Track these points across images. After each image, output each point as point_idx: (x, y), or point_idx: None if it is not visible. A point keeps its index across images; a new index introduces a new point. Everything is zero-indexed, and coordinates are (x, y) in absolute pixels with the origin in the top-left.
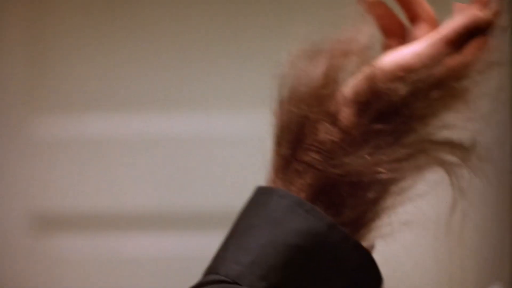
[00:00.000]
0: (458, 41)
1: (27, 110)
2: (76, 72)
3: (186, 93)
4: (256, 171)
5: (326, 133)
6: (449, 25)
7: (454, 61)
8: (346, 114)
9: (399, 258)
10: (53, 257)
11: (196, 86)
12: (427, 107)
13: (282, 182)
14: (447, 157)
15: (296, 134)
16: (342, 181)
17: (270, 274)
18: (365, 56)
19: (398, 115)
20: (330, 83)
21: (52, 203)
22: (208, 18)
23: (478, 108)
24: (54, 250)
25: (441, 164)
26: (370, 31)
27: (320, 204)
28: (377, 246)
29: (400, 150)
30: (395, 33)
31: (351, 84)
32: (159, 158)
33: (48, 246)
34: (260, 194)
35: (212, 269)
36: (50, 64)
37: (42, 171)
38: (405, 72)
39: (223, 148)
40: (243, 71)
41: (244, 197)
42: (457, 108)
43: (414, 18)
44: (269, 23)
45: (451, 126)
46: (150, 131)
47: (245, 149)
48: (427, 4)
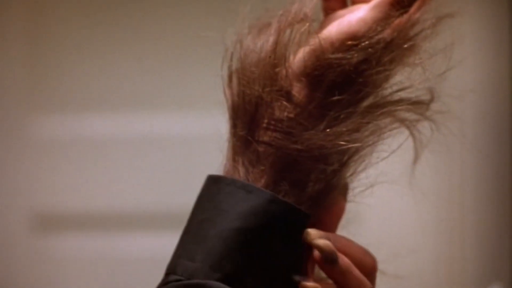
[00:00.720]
0: (402, 0)
1: (27, 110)
2: (76, 72)
3: (186, 93)
4: None
5: (282, 110)
6: None
7: (401, 20)
8: (299, 88)
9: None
10: (53, 257)
11: (196, 86)
12: (381, 71)
13: (242, 166)
14: (407, 114)
15: (251, 115)
16: (304, 156)
17: (222, 264)
18: (311, 27)
19: (353, 84)
20: (279, 60)
21: (52, 203)
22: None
23: (433, 63)
24: (54, 250)
25: (401, 122)
26: (313, 1)
27: (284, 182)
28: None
29: (358, 118)
30: None
31: (300, 57)
32: (159, 158)
33: (48, 246)
34: (210, 183)
35: (170, 269)
36: (50, 64)
37: (42, 171)
38: (353, 39)
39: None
40: None
41: None
42: (411, 66)
43: None
44: None
45: (408, 85)
46: (150, 131)
47: None
48: None
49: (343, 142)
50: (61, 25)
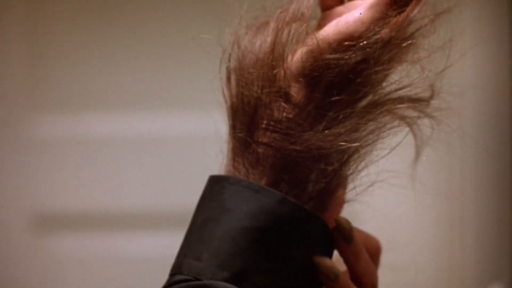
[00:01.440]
0: None
1: (27, 110)
2: (76, 72)
3: (186, 93)
4: None
5: (281, 111)
6: None
7: (399, 19)
8: (297, 89)
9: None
10: (53, 257)
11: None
12: (379, 71)
13: (242, 167)
14: (407, 112)
15: (250, 116)
16: (303, 157)
17: (230, 263)
18: (308, 27)
19: (351, 84)
20: (277, 61)
21: (52, 203)
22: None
23: (433, 60)
24: (54, 250)
25: (401, 119)
26: (311, 0)
27: (284, 183)
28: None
29: (358, 118)
30: None
31: (298, 58)
32: (159, 158)
33: (48, 246)
34: (213, 183)
35: (175, 269)
36: (50, 64)
37: (42, 171)
38: (350, 40)
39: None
40: None
41: None
42: (410, 63)
43: None
44: None
45: (407, 83)
46: (150, 131)
47: None
48: None
49: (343, 142)
50: (61, 25)
